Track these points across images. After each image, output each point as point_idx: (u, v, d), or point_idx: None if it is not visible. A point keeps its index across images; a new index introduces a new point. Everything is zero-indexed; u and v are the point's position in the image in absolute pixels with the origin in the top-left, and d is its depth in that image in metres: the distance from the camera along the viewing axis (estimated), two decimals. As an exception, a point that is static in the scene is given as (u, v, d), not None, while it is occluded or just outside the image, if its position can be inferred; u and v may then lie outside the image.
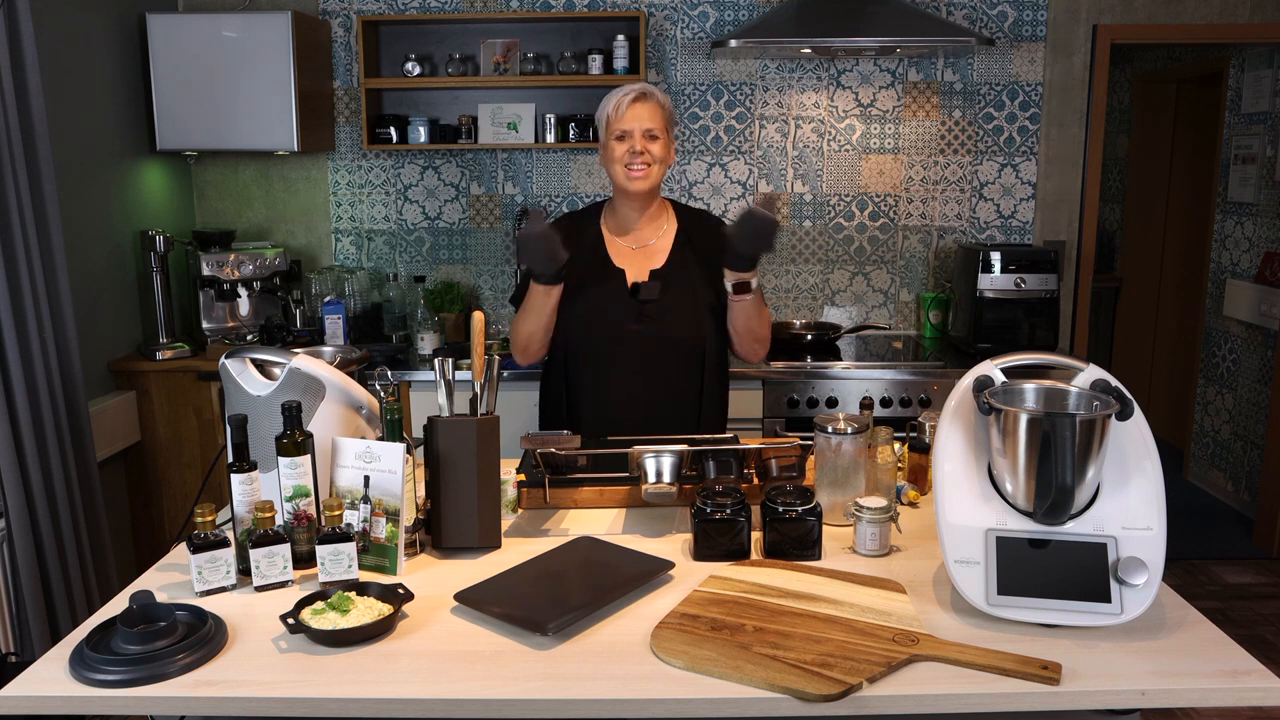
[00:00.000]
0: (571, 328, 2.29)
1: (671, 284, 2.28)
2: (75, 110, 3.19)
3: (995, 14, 3.82)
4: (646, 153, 2.20)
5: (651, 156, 2.20)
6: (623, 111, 2.21)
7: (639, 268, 2.31)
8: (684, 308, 2.28)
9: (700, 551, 1.72)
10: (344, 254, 4.03)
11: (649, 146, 2.20)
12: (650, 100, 2.22)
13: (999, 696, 1.30)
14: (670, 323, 2.27)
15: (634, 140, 2.20)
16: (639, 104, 2.21)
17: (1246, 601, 3.74)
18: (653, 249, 2.33)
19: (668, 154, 2.25)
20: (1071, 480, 1.40)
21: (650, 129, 2.20)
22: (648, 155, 2.20)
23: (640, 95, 2.21)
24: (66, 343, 2.83)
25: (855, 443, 1.85)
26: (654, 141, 2.21)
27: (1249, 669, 1.34)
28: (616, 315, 2.27)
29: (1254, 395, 4.45)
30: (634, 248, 2.33)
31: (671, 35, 3.84)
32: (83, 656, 1.37)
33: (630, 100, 2.21)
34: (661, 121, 2.22)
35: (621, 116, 2.21)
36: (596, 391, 2.30)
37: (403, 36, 3.83)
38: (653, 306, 2.26)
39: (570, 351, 2.32)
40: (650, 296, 2.26)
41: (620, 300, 2.28)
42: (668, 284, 2.28)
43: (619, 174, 2.24)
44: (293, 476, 1.66)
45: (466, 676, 1.35)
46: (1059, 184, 3.94)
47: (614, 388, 2.29)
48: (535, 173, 3.96)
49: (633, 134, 2.20)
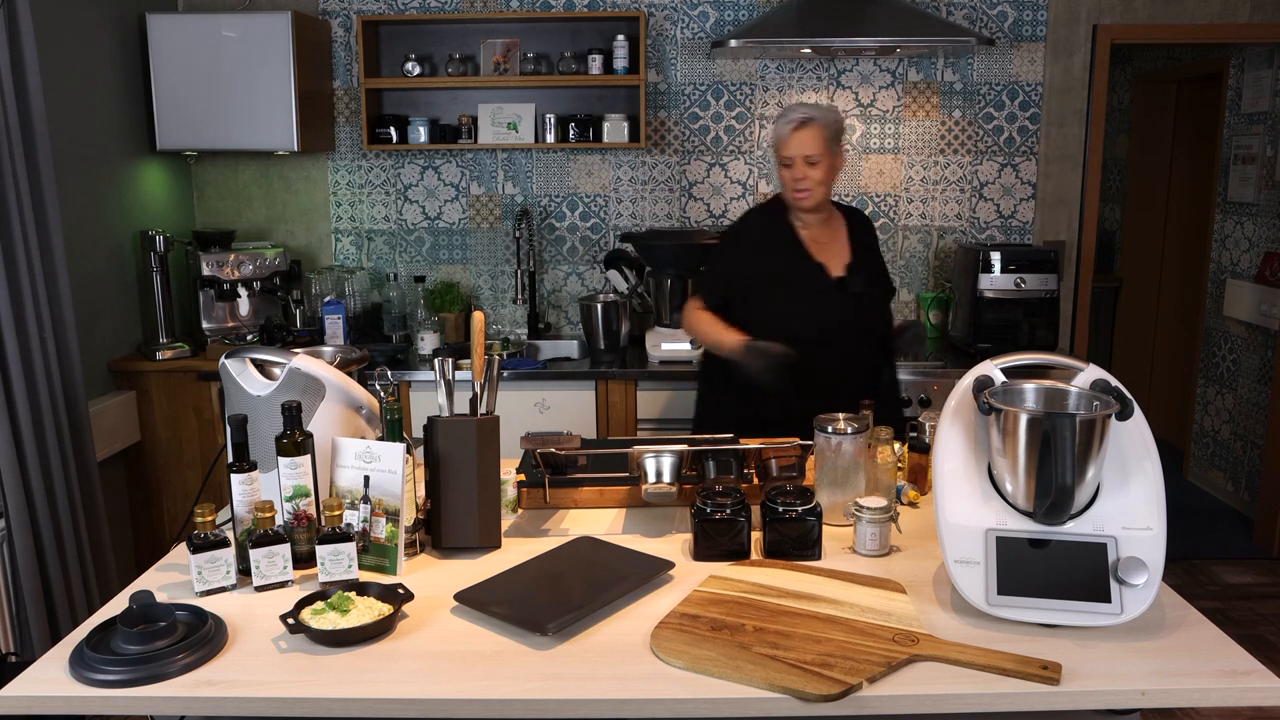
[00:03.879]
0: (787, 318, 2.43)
1: (866, 273, 2.52)
2: (75, 110, 3.19)
3: (995, 14, 3.82)
4: (807, 178, 2.41)
5: (812, 181, 2.41)
6: (785, 139, 2.42)
7: (835, 261, 2.51)
8: (876, 297, 2.54)
9: (700, 551, 1.72)
10: (344, 254, 4.03)
11: (809, 172, 2.41)
12: (809, 126, 2.39)
13: (999, 696, 1.30)
14: (869, 312, 2.52)
15: (796, 167, 2.41)
16: (800, 132, 2.40)
17: (1246, 601, 3.74)
18: (839, 245, 2.54)
19: (831, 171, 2.44)
20: (1071, 480, 1.40)
21: (810, 155, 2.39)
22: (808, 180, 2.41)
23: (800, 123, 2.40)
24: (66, 343, 2.83)
25: (855, 443, 1.85)
26: (814, 166, 2.40)
27: (1249, 669, 1.34)
28: (827, 308, 2.47)
29: (1254, 395, 4.45)
30: (824, 244, 2.52)
31: (671, 35, 3.84)
32: (83, 656, 1.37)
33: (792, 129, 2.40)
34: (822, 144, 2.40)
35: (785, 144, 2.42)
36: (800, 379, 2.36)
37: (403, 36, 3.83)
38: (861, 296, 2.49)
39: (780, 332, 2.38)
40: (857, 289, 2.48)
41: (829, 293, 2.48)
42: (864, 273, 2.51)
43: (788, 195, 2.48)
44: (293, 476, 1.66)
45: (466, 676, 1.35)
46: (1059, 184, 3.94)
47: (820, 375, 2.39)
48: (535, 173, 3.96)
49: (794, 161, 2.41)
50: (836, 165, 2.46)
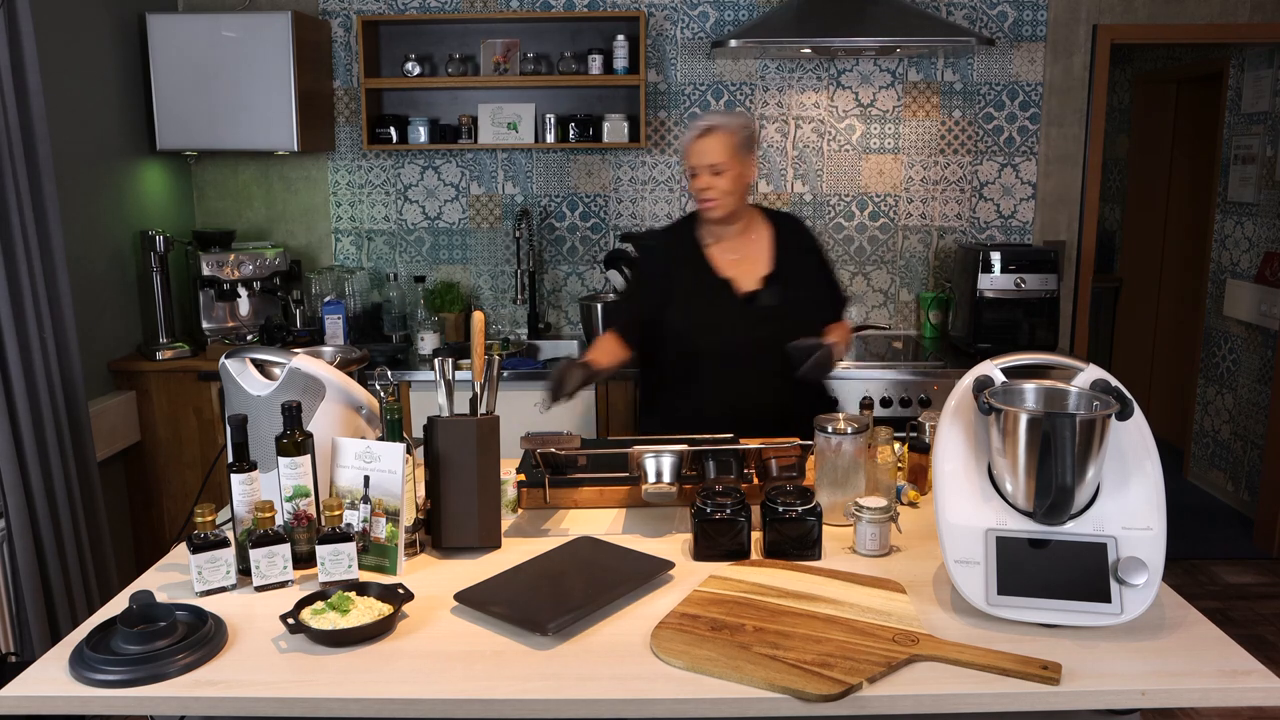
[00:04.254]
0: (684, 337, 2.38)
1: (784, 287, 2.41)
2: (75, 110, 3.19)
3: (995, 14, 3.82)
4: (713, 187, 2.33)
5: (718, 190, 2.33)
6: (690, 147, 2.35)
7: (746, 275, 2.41)
8: (798, 308, 2.40)
9: (700, 551, 1.72)
10: (344, 254, 4.03)
11: (714, 182, 2.33)
12: (714, 134, 2.32)
13: (999, 696, 1.30)
14: (789, 323, 2.35)
15: (701, 176, 2.34)
16: (704, 140, 2.33)
17: (1246, 601, 3.74)
18: (755, 257, 2.44)
19: (739, 180, 2.36)
20: (1071, 480, 1.40)
21: (714, 164, 2.32)
22: (714, 190, 2.33)
23: (704, 131, 2.33)
24: (66, 343, 2.83)
25: (855, 443, 1.85)
26: (720, 175, 2.32)
27: (1249, 669, 1.34)
28: (733, 324, 2.38)
29: (1254, 395, 4.45)
30: (735, 258, 2.43)
31: (671, 35, 3.84)
32: (83, 656, 1.37)
33: (696, 136, 2.34)
34: (727, 152, 2.32)
35: (690, 152, 2.36)
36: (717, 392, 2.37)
37: (403, 36, 3.83)
38: (771, 311, 2.38)
39: (687, 353, 2.38)
40: (769, 303, 2.38)
41: (738, 308, 2.38)
42: (781, 287, 2.40)
43: (698, 204, 2.40)
44: (293, 476, 1.66)
45: (466, 676, 1.35)
46: (1059, 184, 3.94)
47: (738, 389, 2.35)
48: (535, 173, 3.95)
49: (699, 170, 2.34)
50: (747, 174, 2.38)
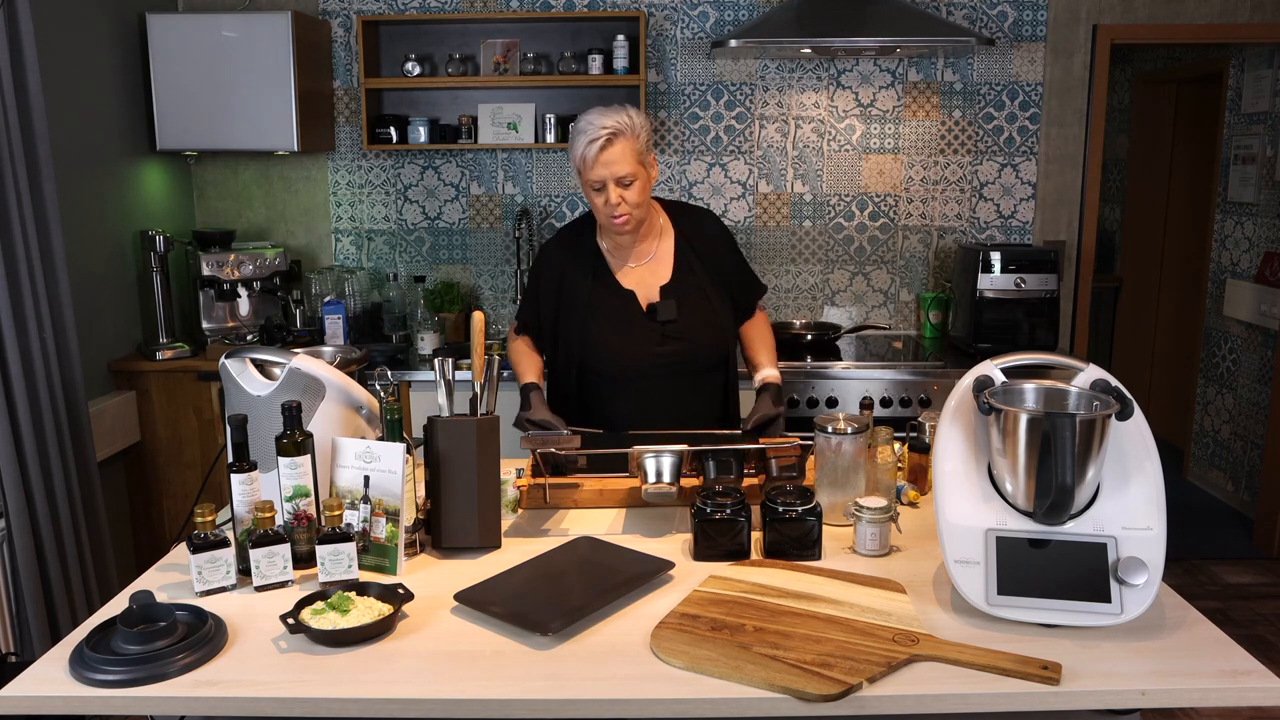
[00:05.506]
0: (591, 351, 2.24)
1: (685, 297, 2.23)
2: (75, 110, 3.19)
3: (995, 14, 3.82)
4: (624, 202, 2.09)
5: (629, 204, 2.10)
6: (592, 160, 2.06)
7: (647, 285, 2.25)
8: (701, 319, 2.23)
9: (700, 551, 1.72)
10: (344, 254, 4.03)
11: (625, 195, 2.08)
12: (618, 142, 2.05)
13: (999, 696, 1.30)
14: (692, 337, 2.23)
15: (609, 190, 2.08)
16: (608, 150, 2.05)
17: (1246, 601, 3.74)
18: (656, 262, 2.27)
19: (647, 187, 2.13)
20: (1071, 480, 1.40)
21: (623, 175, 2.06)
22: (625, 204, 2.09)
23: (608, 140, 2.05)
24: (66, 343, 2.83)
25: (855, 443, 1.85)
26: (629, 187, 2.08)
27: (1249, 669, 1.34)
28: (640, 339, 2.22)
29: (1254, 395, 4.45)
30: (635, 265, 2.26)
31: (671, 35, 3.84)
32: (83, 656, 1.37)
33: (599, 148, 2.05)
34: (634, 161, 2.07)
35: (592, 165, 2.07)
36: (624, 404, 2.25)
37: (403, 36, 3.83)
38: (673, 325, 2.22)
39: (586, 368, 2.26)
40: (668, 316, 2.21)
41: (640, 323, 2.22)
42: (682, 298, 2.23)
43: (603, 220, 2.16)
44: (293, 476, 1.66)
45: (466, 676, 1.35)
46: (1059, 184, 3.94)
47: (642, 402, 2.24)
48: (535, 173, 3.95)
49: (605, 183, 2.08)
50: (652, 177, 2.14)
